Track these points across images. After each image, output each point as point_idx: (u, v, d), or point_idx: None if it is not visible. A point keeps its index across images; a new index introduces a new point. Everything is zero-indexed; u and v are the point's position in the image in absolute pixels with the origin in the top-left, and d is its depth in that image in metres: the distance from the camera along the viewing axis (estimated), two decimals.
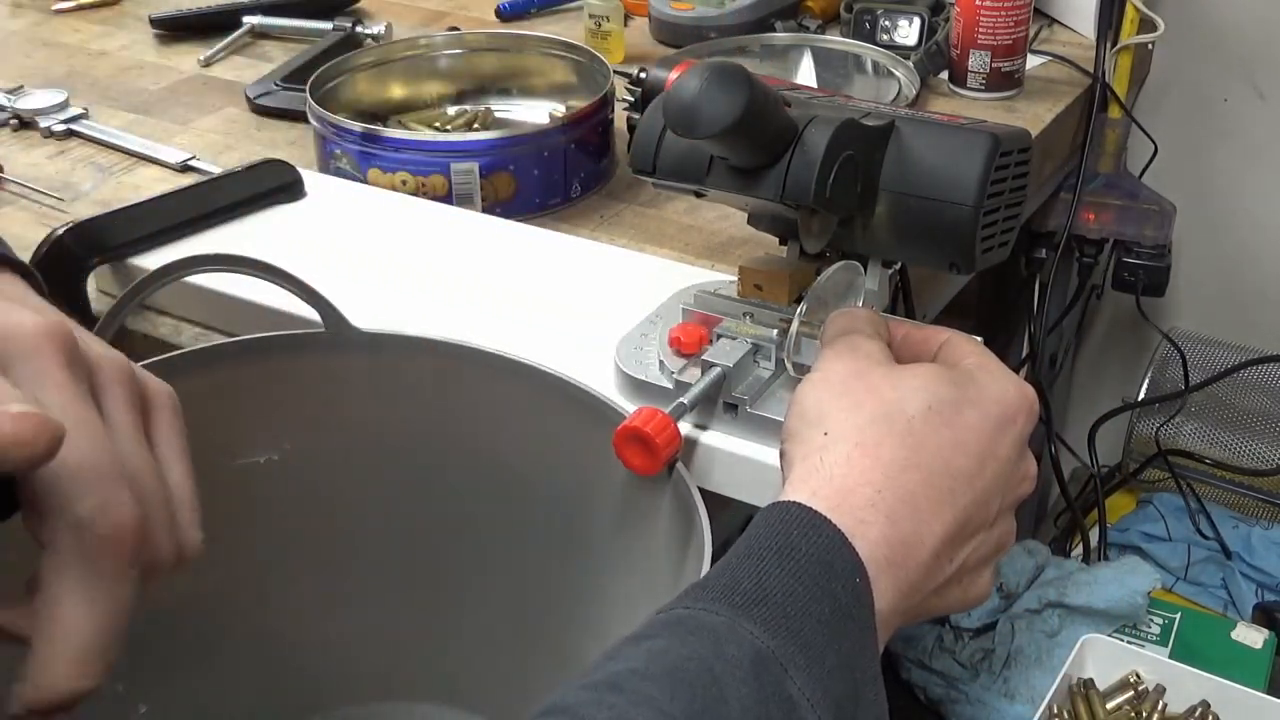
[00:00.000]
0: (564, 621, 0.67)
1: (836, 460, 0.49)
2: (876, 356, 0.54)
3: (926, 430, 0.50)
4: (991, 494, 0.52)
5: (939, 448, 0.50)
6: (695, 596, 0.45)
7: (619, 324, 0.69)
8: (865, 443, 0.50)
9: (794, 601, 0.44)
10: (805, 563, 0.45)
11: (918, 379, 0.52)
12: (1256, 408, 1.46)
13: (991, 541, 0.53)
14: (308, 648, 0.70)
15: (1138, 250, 1.36)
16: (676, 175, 0.61)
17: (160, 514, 0.43)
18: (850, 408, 0.51)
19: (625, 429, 0.57)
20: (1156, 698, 0.79)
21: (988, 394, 0.53)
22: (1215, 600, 1.31)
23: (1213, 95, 1.50)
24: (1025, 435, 0.54)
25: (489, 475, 0.67)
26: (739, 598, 0.44)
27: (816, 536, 0.46)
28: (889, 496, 0.48)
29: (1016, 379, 0.54)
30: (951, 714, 0.86)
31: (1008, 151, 0.60)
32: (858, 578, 0.46)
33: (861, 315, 0.58)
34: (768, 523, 0.47)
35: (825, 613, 0.44)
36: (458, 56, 1.13)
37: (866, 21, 1.24)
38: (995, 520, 0.53)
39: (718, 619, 0.43)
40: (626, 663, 0.42)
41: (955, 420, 0.51)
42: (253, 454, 0.67)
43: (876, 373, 0.53)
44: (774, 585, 0.44)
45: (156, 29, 1.35)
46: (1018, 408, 0.53)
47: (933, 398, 0.51)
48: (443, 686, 0.72)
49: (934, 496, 0.49)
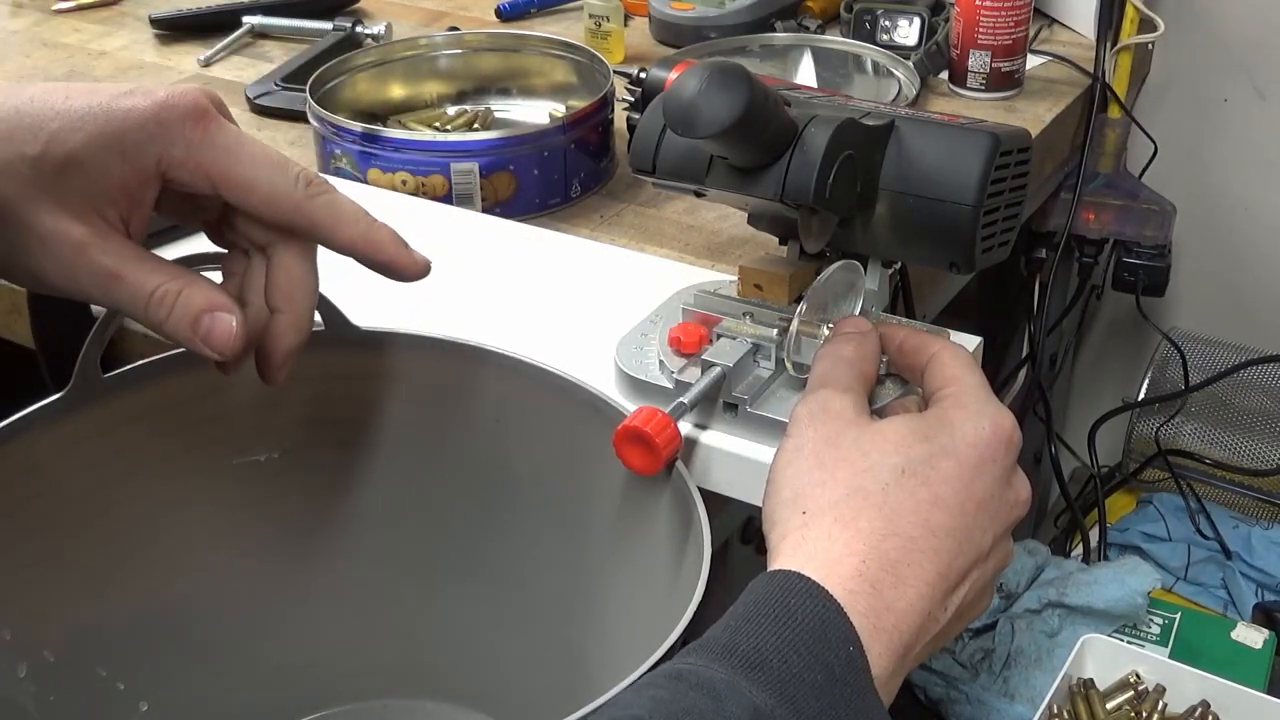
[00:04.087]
0: (564, 619, 0.67)
1: (819, 537, 0.50)
2: (848, 415, 0.54)
3: (902, 495, 0.51)
4: (978, 536, 0.52)
5: (916, 509, 0.51)
6: (696, 654, 0.46)
7: (619, 324, 0.69)
8: (843, 517, 0.50)
9: (789, 668, 0.45)
10: (801, 631, 0.46)
11: (889, 441, 0.52)
12: (1256, 408, 1.46)
13: (989, 572, 0.53)
14: (308, 645, 0.70)
15: (1138, 250, 1.36)
16: (676, 175, 0.61)
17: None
18: (824, 483, 0.52)
19: (625, 428, 0.57)
20: (1156, 698, 0.79)
21: (961, 438, 0.53)
22: (1215, 600, 1.31)
23: (1213, 95, 1.50)
24: (1008, 467, 0.54)
25: (489, 474, 0.67)
26: (737, 660, 0.45)
27: (813, 605, 0.47)
28: (873, 566, 0.49)
29: (993, 410, 0.54)
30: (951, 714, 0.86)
31: (1008, 151, 0.60)
32: (851, 646, 0.47)
33: (842, 359, 0.57)
34: (766, 588, 0.48)
35: (820, 680, 0.45)
36: (458, 56, 1.13)
37: (866, 21, 1.24)
38: (990, 552, 0.53)
39: (718, 676, 0.44)
40: (629, 709, 0.43)
41: (930, 477, 0.51)
42: (253, 453, 0.67)
43: (847, 436, 0.53)
44: (770, 651, 0.45)
45: (157, 29, 1.35)
46: (993, 445, 0.53)
47: (904, 460, 0.52)
48: (443, 684, 0.72)
49: (917, 559, 0.50)
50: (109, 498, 0.64)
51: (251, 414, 0.67)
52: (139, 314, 0.52)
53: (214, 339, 0.51)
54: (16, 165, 0.49)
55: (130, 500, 0.65)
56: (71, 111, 0.50)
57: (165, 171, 0.51)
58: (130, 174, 0.50)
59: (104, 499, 0.64)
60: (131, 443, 0.64)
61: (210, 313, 0.51)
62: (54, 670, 0.63)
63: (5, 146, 0.49)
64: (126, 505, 0.65)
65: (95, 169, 0.50)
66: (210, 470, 0.67)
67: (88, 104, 0.50)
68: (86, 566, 0.64)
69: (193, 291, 0.51)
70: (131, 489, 0.65)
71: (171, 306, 0.51)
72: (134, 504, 0.65)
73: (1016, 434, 0.54)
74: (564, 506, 0.65)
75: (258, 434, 0.67)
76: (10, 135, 0.49)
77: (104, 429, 0.63)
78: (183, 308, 0.51)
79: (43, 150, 0.49)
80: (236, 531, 0.68)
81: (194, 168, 0.51)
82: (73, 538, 0.63)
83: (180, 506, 0.66)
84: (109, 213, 0.51)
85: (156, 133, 0.50)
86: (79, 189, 0.50)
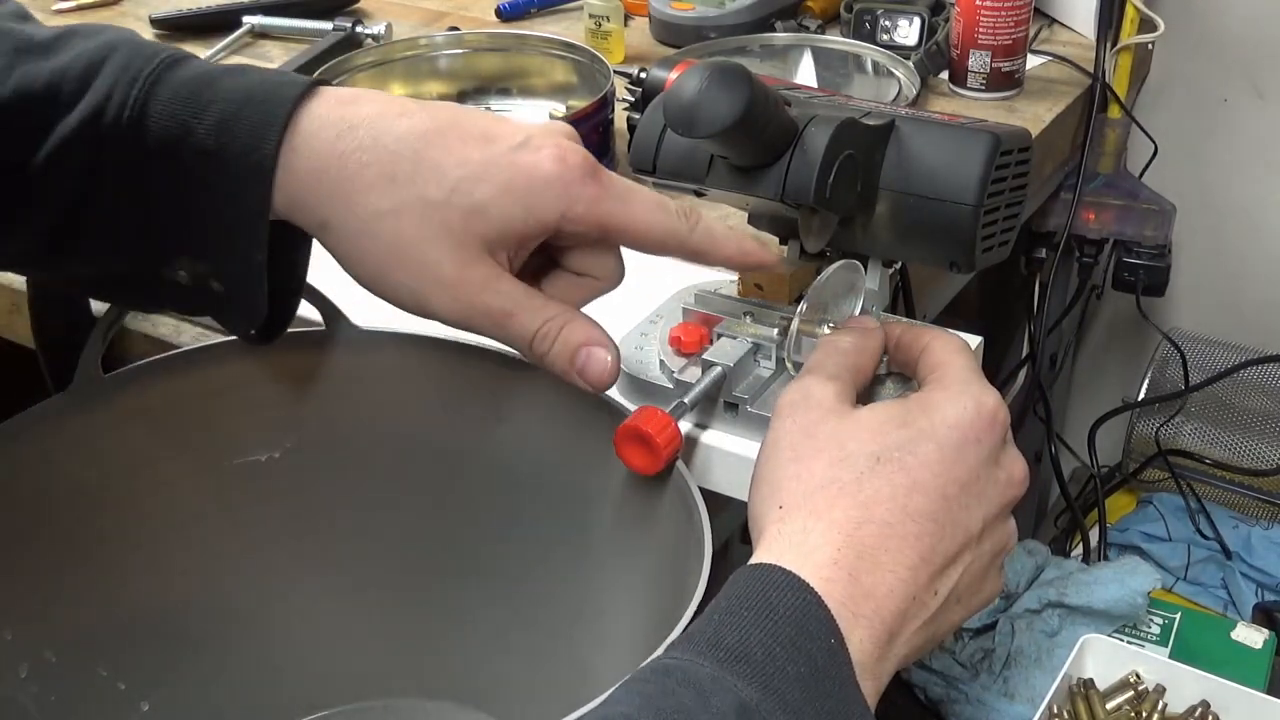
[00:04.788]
0: (564, 618, 0.67)
1: (794, 530, 0.50)
2: (827, 404, 0.54)
3: (878, 482, 0.51)
4: (964, 517, 0.52)
5: (893, 496, 0.51)
6: (683, 648, 0.46)
7: (619, 324, 0.69)
8: (817, 508, 0.51)
9: (773, 661, 0.45)
10: (783, 624, 0.46)
11: (866, 430, 0.53)
12: (1256, 408, 1.46)
13: (985, 554, 0.53)
14: (309, 645, 0.71)
15: (1138, 250, 1.36)
16: (676, 175, 0.61)
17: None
18: (799, 476, 0.52)
19: (626, 428, 0.57)
20: (1156, 698, 0.79)
21: (942, 419, 0.53)
22: (1215, 600, 1.31)
23: (1213, 95, 1.50)
24: (993, 445, 0.54)
25: (489, 473, 0.67)
26: (722, 653, 0.45)
27: (793, 598, 0.47)
28: (848, 554, 0.49)
29: (976, 390, 0.54)
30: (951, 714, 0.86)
31: (1008, 151, 0.60)
32: (832, 638, 0.47)
33: (836, 349, 0.58)
34: (747, 581, 0.48)
35: (804, 672, 0.45)
36: (458, 56, 1.13)
37: (866, 21, 1.24)
38: (983, 533, 0.53)
39: (704, 670, 0.44)
40: (618, 706, 0.43)
41: (907, 462, 0.51)
42: (253, 453, 0.67)
43: (825, 428, 0.53)
44: (755, 644, 0.46)
45: (157, 29, 1.35)
46: (976, 424, 0.53)
47: (880, 448, 0.52)
48: (443, 684, 0.72)
49: (895, 545, 0.50)
50: (109, 498, 0.64)
51: (251, 414, 0.67)
52: (524, 349, 0.56)
53: (589, 373, 0.56)
54: (419, 207, 0.52)
55: (130, 500, 0.65)
56: (472, 161, 0.53)
57: (564, 226, 0.54)
58: (532, 225, 0.54)
59: (104, 499, 0.64)
60: (131, 443, 0.64)
61: (587, 347, 0.56)
62: (55, 670, 0.63)
63: (408, 189, 0.52)
64: (127, 505, 0.65)
65: (499, 220, 0.53)
66: (210, 470, 0.67)
67: (487, 155, 0.53)
68: (87, 566, 0.64)
69: (573, 328, 0.56)
70: (131, 489, 0.65)
71: (554, 341, 0.55)
72: (134, 504, 0.65)
73: (1001, 412, 0.54)
74: (564, 506, 0.65)
75: (258, 434, 0.67)
76: (412, 178, 0.53)
77: (104, 429, 0.63)
78: (563, 344, 0.56)
79: (447, 197, 0.53)
80: (236, 531, 0.68)
81: (592, 221, 0.55)
82: (73, 538, 0.63)
83: (180, 506, 0.66)
84: (501, 256, 0.54)
85: (561, 192, 0.54)
86: (480, 235, 0.53)
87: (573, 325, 0.56)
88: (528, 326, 0.55)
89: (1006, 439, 0.55)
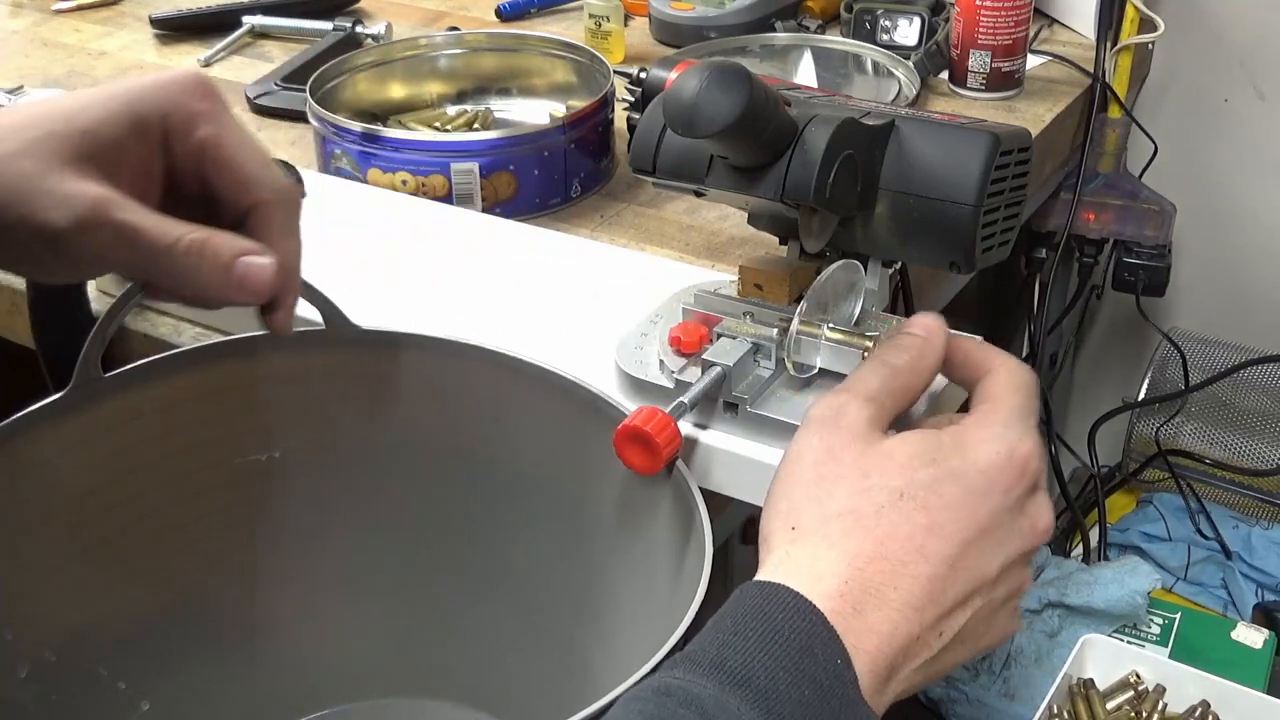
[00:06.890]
0: (564, 618, 0.67)
1: (804, 555, 0.49)
2: (858, 429, 0.52)
3: (897, 519, 0.49)
4: (980, 563, 0.50)
5: (910, 535, 0.49)
6: (684, 668, 0.45)
7: (619, 324, 0.69)
8: (830, 536, 0.49)
9: (776, 684, 0.45)
10: (787, 646, 0.46)
11: (894, 462, 0.51)
12: (1256, 408, 1.46)
13: (998, 598, 0.52)
14: (309, 644, 0.70)
15: (1138, 250, 1.36)
16: (676, 175, 0.61)
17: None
18: (819, 499, 0.51)
19: (626, 428, 0.57)
20: (1156, 698, 0.79)
21: (974, 461, 0.51)
22: (1215, 600, 1.31)
23: (1213, 95, 1.50)
24: (1020, 495, 0.52)
25: (489, 473, 0.67)
26: (725, 675, 0.45)
27: (800, 621, 0.46)
28: (855, 587, 0.48)
29: (1016, 436, 0.52)
30: (951, 714, 0.86)
31: (1008, 150, 0.60)
32: (839, 659, 0.46)
33: (886, 366, 0.55)
34: (753, 599, 0.48)
35: (807, 696, 0.45)
36: (458, 56, 1.13)
37: (866, 21, 1.24)
38: (998, 579, 0.51)
39: (707, 692, 0.44)
40: None
41: (930, 502, 0.50)
42: (253, 452, 0.67)
43: (850, 453, 0.51)
44: (758, 667, 0.45)
45: (157, 29, 1.35)
46: (1006, 472, 0.51)
47: (904, 483, 0.50)
48: (443, 684, 0.72)
49: (905, 584, 0.48)
50: (109, 498, 0.64)
51: (251, 414, 0.67)
52: (165, 269, 0.52)
53: (251, 281, 0.53)
54: (45, 142, 0.52)
55: (130, 500, 0.65)
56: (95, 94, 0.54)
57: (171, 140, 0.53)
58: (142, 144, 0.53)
59: (104, 499, 0.64)
60: (131, 443, 0.64)
61: (242, 256, 0.53)
62: (55, 670, 0.63)
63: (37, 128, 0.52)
64: (127, 505, 0.65)
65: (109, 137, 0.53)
66: (210, 470, 0.67)
67: (110, 90, 0.54)
68: (87, 566, 0.64)
69: (219, 239, 0.52)
70: (132, 488, 0.65)
71: (201, 254, 0.52)
72: (134, 504, 0.65)
73: (1035, 462, 0.52)
74: (564, 506, 0.65)
75: (258, 434, 0.67)
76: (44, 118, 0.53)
77: (104, 429, 0.63)
78: (213, 254, 0.52)
79: (65, 127, 0.52)
80: (236, 531, 0.68)
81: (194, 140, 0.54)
82: (73, 538, 0.63)
83: (180, 506, 0.66)
84: (124, 183, 0.53)
85: (161, 97, 0.53)
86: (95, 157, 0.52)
87: (218, 237, 0.52)
88: (162, 240, 0.51)
89: (1037, 486, 0.53)
